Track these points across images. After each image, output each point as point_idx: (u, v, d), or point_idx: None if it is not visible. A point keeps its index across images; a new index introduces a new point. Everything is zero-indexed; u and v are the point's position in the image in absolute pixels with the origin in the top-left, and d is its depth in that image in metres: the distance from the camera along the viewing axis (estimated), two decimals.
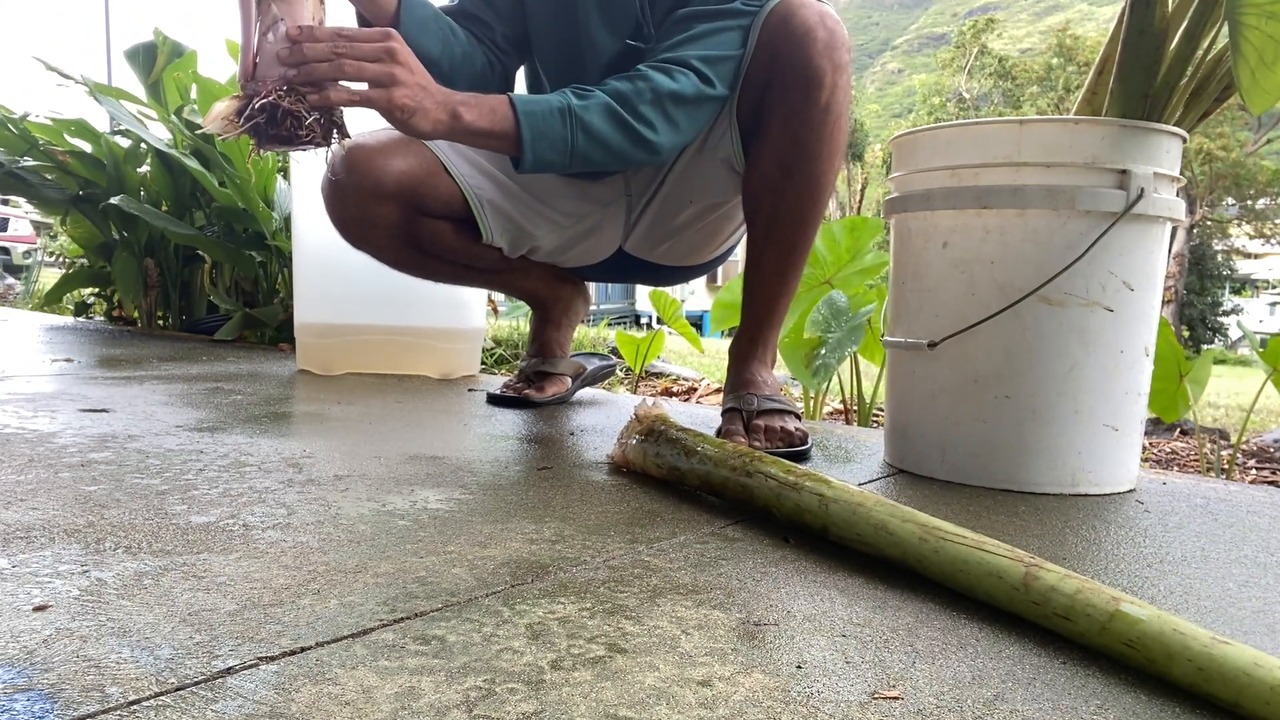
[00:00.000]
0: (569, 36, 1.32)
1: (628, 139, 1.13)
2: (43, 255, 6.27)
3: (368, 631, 0.57)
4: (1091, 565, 0.81)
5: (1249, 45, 1.11)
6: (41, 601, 0.59)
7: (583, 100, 1.11)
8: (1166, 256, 1.15)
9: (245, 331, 2.83)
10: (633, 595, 0.66)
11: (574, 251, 1.57)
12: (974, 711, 0.51)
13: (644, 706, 0.49)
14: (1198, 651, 0.55)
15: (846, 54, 1.20)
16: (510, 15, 1.37)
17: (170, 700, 0.47)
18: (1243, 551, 0.88)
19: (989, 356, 1.10)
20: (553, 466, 1.11)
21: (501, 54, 1.38)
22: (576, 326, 1.76)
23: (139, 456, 1.04)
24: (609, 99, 1.12)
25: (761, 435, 1.23)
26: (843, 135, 1.24)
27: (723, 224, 1.52)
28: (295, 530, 0.78)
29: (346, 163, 1.34)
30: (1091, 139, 1.07)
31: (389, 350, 1.98)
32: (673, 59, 1.16)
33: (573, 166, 1.13)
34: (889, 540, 0.75)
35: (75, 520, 0.78)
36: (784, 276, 1.30)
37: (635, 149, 1.14)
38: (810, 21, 1.17)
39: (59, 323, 3.49)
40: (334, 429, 1.29)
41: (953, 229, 1.13)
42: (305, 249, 1.98)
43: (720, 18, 1.18)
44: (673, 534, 0.84)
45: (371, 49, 1.00)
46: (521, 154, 1.09)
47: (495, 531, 0.81)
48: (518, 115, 1.08)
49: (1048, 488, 1.10)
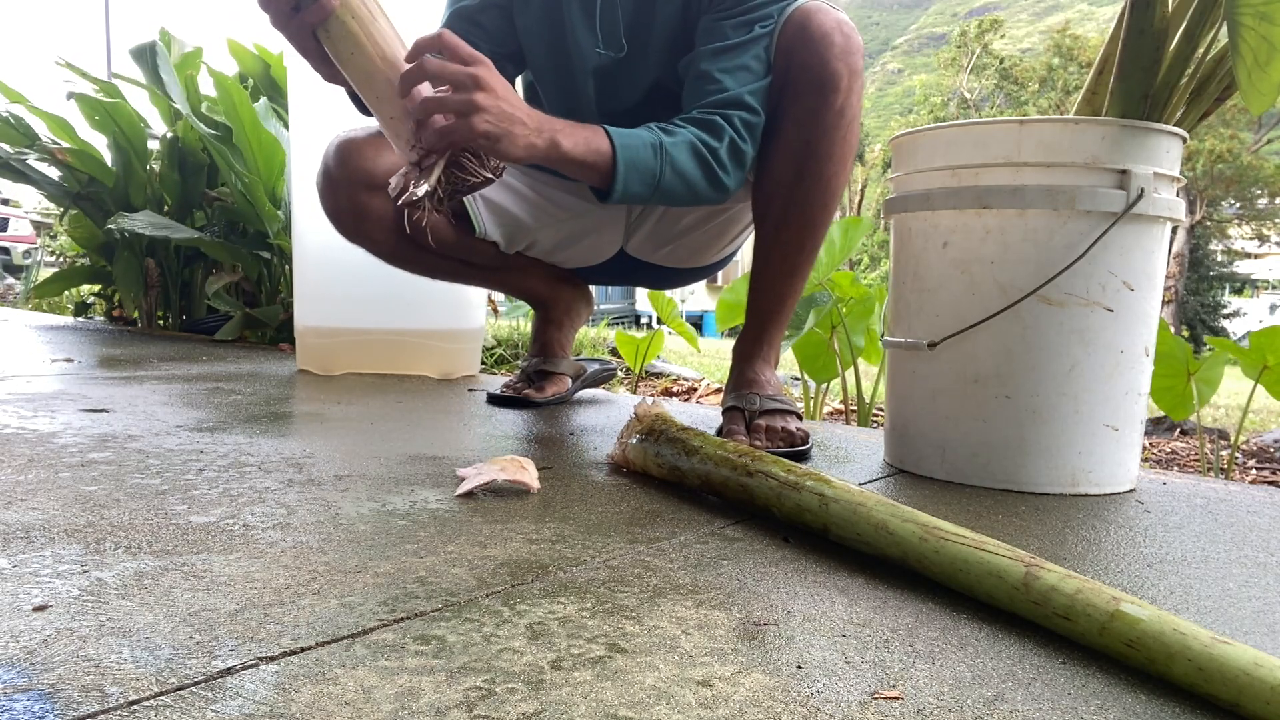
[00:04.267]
0: (558, 48, 1.33)
1: (706, 178, 1.16)
2: (43, 255, 6.28)
3: (368, 631, 0.57)
4: (1091, 565, 0.81)
5: (1246, 46, 1.11)
6: (41, 601, 0.59)
7: (671, 137, 1.13)
8: (1166, 256, 1.15)
9: (245, 331, 2.83)
10: (633, 595, 0.66)
11: (573, 250, 1.57)
12: (974, 711, 0.51)
13: (644, 706, 0.49)
14: (1198, 651, 0.55)
15: (861, 60, 1.22)
16: (498, 32, 1.37)
17: (170, 700, 0.47)
18: (1243, 551, 0.88)
19: (989, 356, 1.10)
20: (553, 466, 1.11)
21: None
22: (579, 328, 1.76)
23: (139, 456, 1.04)
24: (693, 139, 1.14)
25: (763, 435, 1.24)
26: (855, 139, 1.24)
27: (728, 226, 1.52)
28: (295, 530, 0.78)
29: (339, 155, 1.34)
30: (1091, 139, 1.07)
31: (389, 350, 1.98)
32: (728, 100, 1.17)
33: (652, 200, 1.15)
34: (889, 540, 0.75)
35: (75, 520, 0.78)
36: (791, 277, 1.30)
37: (710, 188, 1.17)
38: (828, 26, 1.18)
39: (59, 323, 3.49)
40: (334, 429, 1.29)
41: (953, 229, 1.13)
42: (306, 249, 1.98)
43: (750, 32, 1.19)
44: (673, 534, 0.84)
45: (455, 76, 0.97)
46: (612, 184, 1.10)
47: (495, 531, 0.81)
48: (615, 147, 1.09)
49: (1048, 488, 1.10)
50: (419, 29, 1.44)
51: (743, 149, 1.17)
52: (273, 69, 3.01)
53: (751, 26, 1.19)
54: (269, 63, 3.01)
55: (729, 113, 1.16)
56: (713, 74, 1.18)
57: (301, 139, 1.96)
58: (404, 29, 1.05)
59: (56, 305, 4.49)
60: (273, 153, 2.65)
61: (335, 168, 1.35)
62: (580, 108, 1.36)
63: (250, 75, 3.06)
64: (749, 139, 1.18)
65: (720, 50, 1.19)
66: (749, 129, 1.18)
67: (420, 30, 1.42)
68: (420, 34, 1.39)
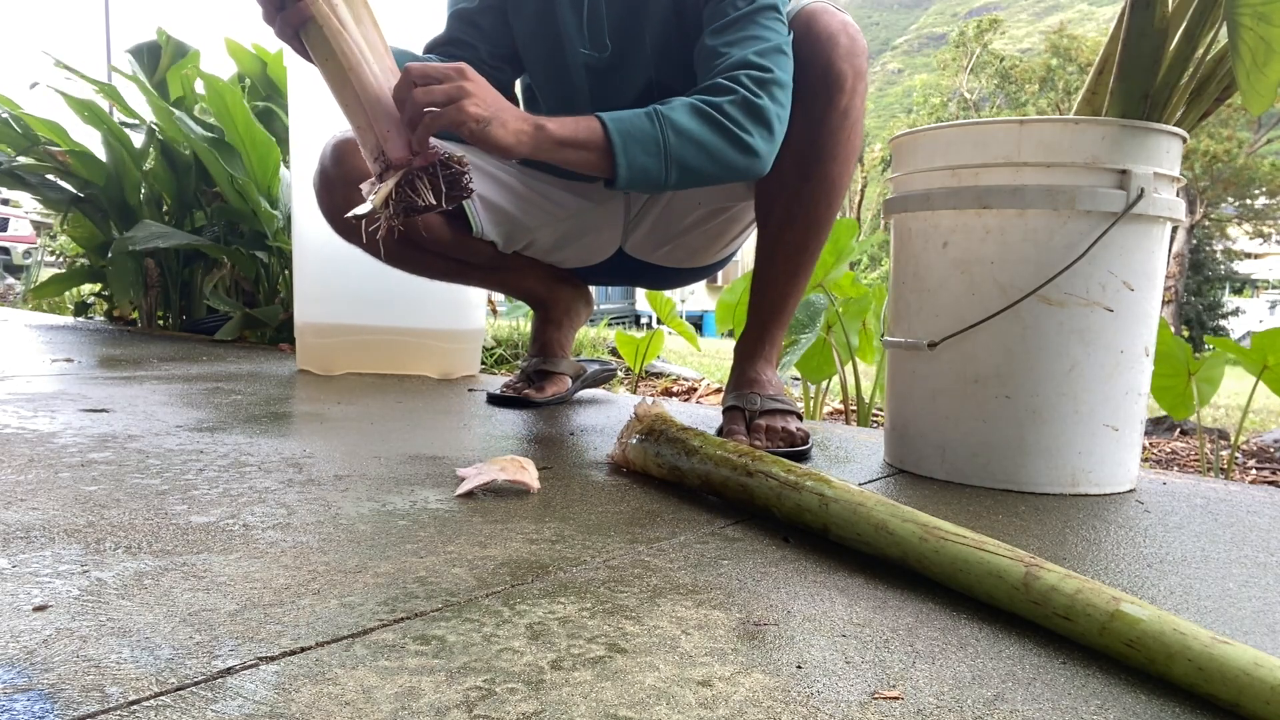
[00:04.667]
0: (552, 49, 1.33)
1: (724, 138, 1.08)
2: (43, 255, 6.28)
3: (368, 631, 0.57)
4: (1091, 565, 0.81)
5: (1245, 46, 1.11)
6: (41, 601, 0.59)
7: (666, 106, 1.09)
8: (1167, 256, 1.15)
9: (245, 331, 2.83)
10: (633, 595, 0.66)
11: (572, 250, 1.57)
12: (974, 711, 0.51)
13: (644, 706, 0.49)
14: (1198, 651, 0.55)
15: (866, 62, 1.22)
16: (496, 34, 1.37)
17: (170, 700, 0.47)
18: (1243, 551, 0.88)
19: (989, 356, 1.10)
20: (553, 466, 1.11)
21: (494, 70, 1.38)
22: (578, 328, 1.76)
23: (139, 456, 1.04)
24: (692, 100, 1.09)
25: (763, 435, 1.24)
26: (859, 140, 1.24)
27: (728, 227, 1.52)
28: (295, 530, 0.78)
29: (335, 154, 1.34)
30: (1091, 139, 1.07)
31: (389, 350, 1.98)
32: (733, 63, 1.12)
33: (671, 175, 1.08)
34: (889, 540, 0.75)
35: (75, 520, 0.78)
36: (794, 278, 1.30)
37: (735, 151, 1.09)
38: (833, 27, 1.18)
39: (59, 323, 3.49)
40: (334, 429, 1.29)
41: (953, 229, 1.13)
42: (306, 249, 1.98)
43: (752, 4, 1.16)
44: (673, 534, 0.84)
45: (439, 71, 0.98)
46: (615, 162, 1.05)
47: (495, 531, 0.81)
48: (603, 120, 1.06)
49: (1048, 488, 1.10)
50: (419, 28, 1.45)
51: (758, 104, 1.09)
52: (270, 68, 3.01)
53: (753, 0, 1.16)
54: (266, 61, 3.01)
55: (735, 73, 1.11)
56: (717, 49, 1.15)
57: (301, 138, 1.96)
58: (402, 30, 1.05)
59: (56, 305, 4.49)
60: (267, 152, 2.64)
61: (332, 167, 1.35)
62: (576, 108, 1.36)
63: (248, 75, 3.06)
64: (765, 94, 1.10)
65: (723, 26, 1.16)
66: (759, 84, 1.10)
67: (420, 31, 1.43)
68: (418, 35, 1.39)
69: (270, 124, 2.81)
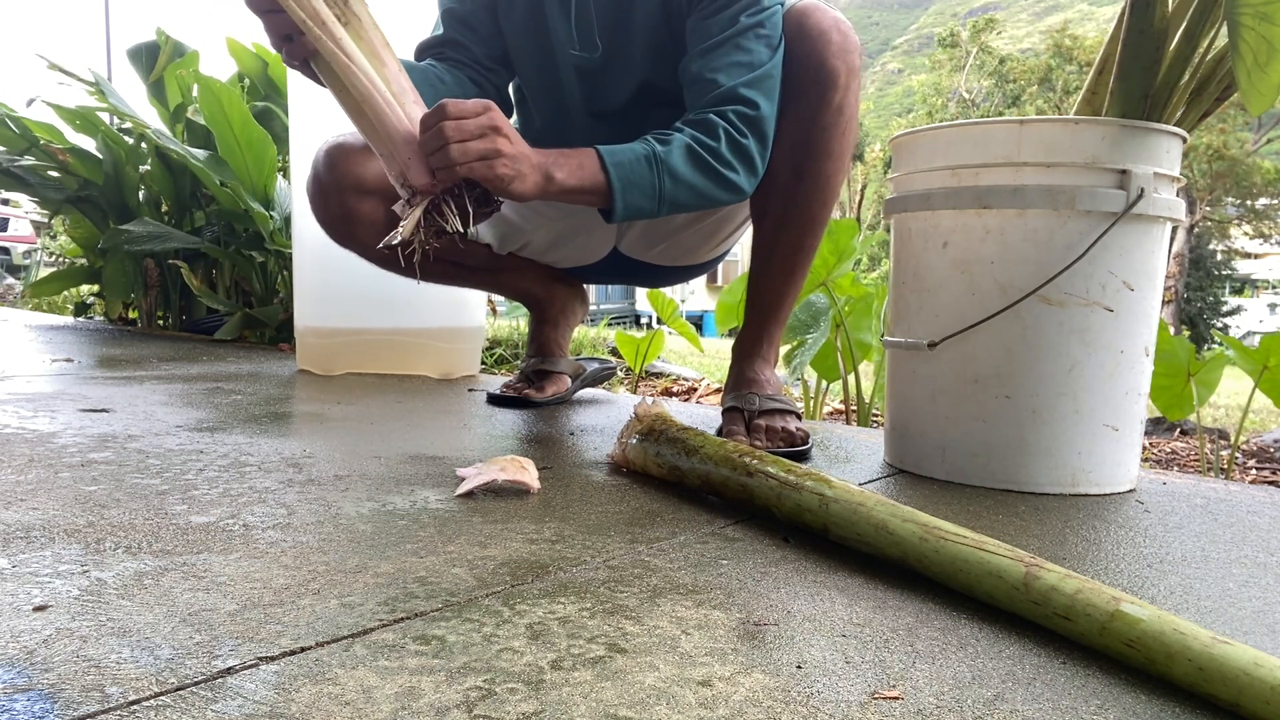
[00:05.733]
0: (542, 50, 1.33)
1: (713, 181, 1.14)
2: (42, 255, 6.28)
3: (368, 631, 0.57)
4: (1091, 565, 0.81)
5: (1246, 46, 1.11)
6: (41, 601, 0.59)
7: (665, 146, 1.12)
8: (1166, 256, 1.15)
9: (245, 331, 2.83)
10: (633, 595, 0.66)
11: (566, 250, 1.57)
12: (974, 711, 0.51)
13: (644, 706, 0.49)
14: (1198, 651, 0.55)
15: (858, 58, 1.22)
16: (489, 36, 1.37)
17: (170, 700, 0.47)
18: (1243, 551, 0.88)
19: (989, 356, 1.10)
20: (553, 466, 1.11)
21: (489, 73, 1.38)
22: (575, 327, 1.76)
23: (139, 456, 1.04)
24: (689, 141, 1.13)
25: (763, 435, 1.23)
26: (853, 137, 1.24)
27: (721, 225, 1.52)
28: (295, 530, 0.78)
29: (329, 160, 1.34)
30: (1091, 139, 1.07)
31: (389, 350, 1.98)
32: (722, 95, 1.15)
33: (662, 212, 1.14)
34: (889, 540, 0.75)
35: (75, 520, 0.78)
36: (790, 276, 1.30)
37: (721, 190, 1.16)
38: (825, 24, 1.18)
39: (59, 323, 3.49)
40: (334, 429, 1.29)
41: (953, 229, 1.13)
42: (305, 249, 1.98)
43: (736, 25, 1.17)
44: (673, 534, 0.84)
45: (476, 126, 1.00)
46: (613, 204, 1.10)
47: (495, 531, 0.81)
48: (606, 167, 1.09)
49: (1048, 488, 1.10)
50: (416, 29, 1.45)
51: (742, 143, 1.15)
52: (271, 68, 3.01)
53: (736, 19, 1.16)
54: (267, 61, 3.01)
55: (724, 109, 1.15)
56: (704, 74, 1.17)
57: (301, 139, 1.96)
58: (401, 33, 1.06)
59: (56, 305, 4.49)
60: (263, 151, 2.63)
61: (325, 173, 1.34)
62: (568, 110, 1.36)
63: (249, 74, 3.06)
64: (749, 132, 1.15)
65: (708, 49, 1.17)
66: (746, 122, 1.15)
67: (417, 32, 1.42)
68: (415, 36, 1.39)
69: (270, 124, 2.80)
